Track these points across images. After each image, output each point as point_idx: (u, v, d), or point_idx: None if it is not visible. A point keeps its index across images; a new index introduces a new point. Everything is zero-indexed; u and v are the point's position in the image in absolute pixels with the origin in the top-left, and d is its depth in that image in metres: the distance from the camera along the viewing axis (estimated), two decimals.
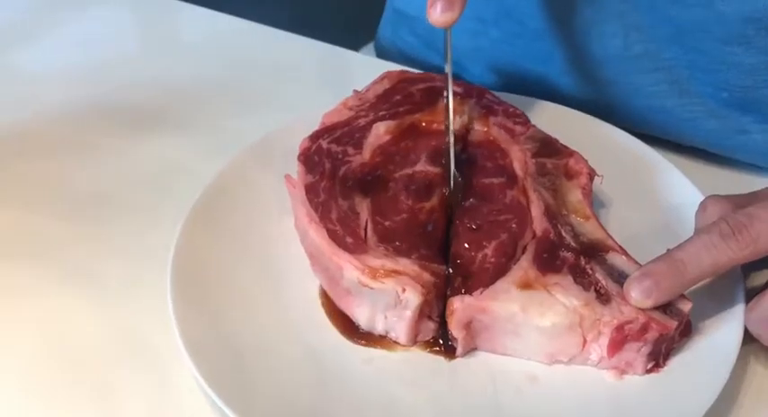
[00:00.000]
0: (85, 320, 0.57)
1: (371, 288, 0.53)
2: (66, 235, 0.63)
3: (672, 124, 0.66)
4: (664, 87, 0.64)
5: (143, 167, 0.67)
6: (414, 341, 0.54)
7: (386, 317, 0.54)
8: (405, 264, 0.53)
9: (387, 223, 0.57)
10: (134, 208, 0.64)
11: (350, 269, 0.53)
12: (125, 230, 0.63)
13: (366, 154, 0.61)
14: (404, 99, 0.64)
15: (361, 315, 0.55)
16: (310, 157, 0.60)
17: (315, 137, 0.62)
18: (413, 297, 0.52)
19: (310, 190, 0.58)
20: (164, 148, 0.68)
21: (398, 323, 0.54)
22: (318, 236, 0.55)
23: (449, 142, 0.58)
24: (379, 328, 0.55)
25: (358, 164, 0.60)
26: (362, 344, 0.55)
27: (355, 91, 0.66)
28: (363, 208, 0.58)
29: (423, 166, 0.60)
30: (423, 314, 0.53)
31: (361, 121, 0.63)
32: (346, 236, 0.55)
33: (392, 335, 0.54)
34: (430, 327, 0.54)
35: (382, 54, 0.84)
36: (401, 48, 0.81)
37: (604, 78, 0.66)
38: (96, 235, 0.63)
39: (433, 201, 0.58)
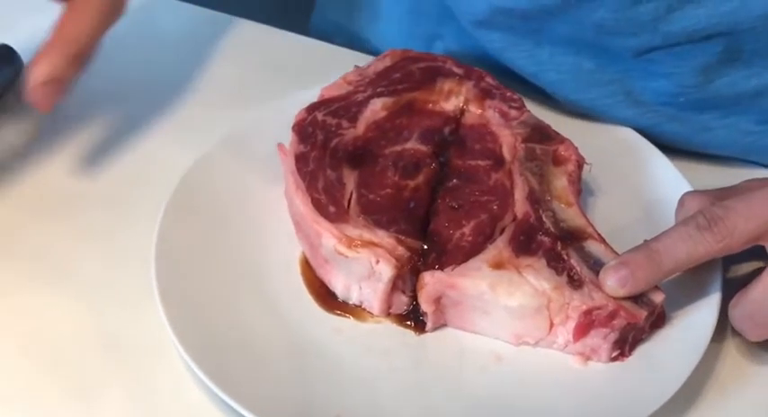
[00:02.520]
0: (63, 317, 0.56)
1: (347, 257, 0.53)
2: (40, 232, 0.61)
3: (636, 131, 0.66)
4: (619, 98, 0.64)
5: (118, 161, 0.66)
6: (386, 312, 0.55)
7: (360, 288, 0.55)
8: (382, 236, 0.54)
9: (371, 196, 0.58)
10: (110, 203, 0.63)
11: (328, 237, 0.54)
12: (101, 225, 0.61)
13: (360, 128, 0.61)
14: (403, 77, 0.64)
15: (338, 284, 0.55)
16: (305, 128, 0.61)
17: (311, 109, 0.62)
18: (386, 270, 0.53)
19: (300, 159, 0.59)
20: (138, 141, 0.66)
21: (372, 295, 0.54)
22: (302, 203, 0.56)
23: None
24: (354, 298, 0.55)
25: (351, 137, 0.61)
26: (336, 313, 0.55)
27: (356, 66, 0.66)
28: (350, 179, 0.59)
29: (413, 144, 0.61)
30: (396, 287, 0.54)
31: (359, 96, 0.63)
32: (329, 205, 0.56)
33: (366, 305, 0.55)
34: (403, 301, 0.55)
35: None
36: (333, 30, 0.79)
37: (563, 96, 0.66)
38: (72, 231, 0.61)
39: (419, 179, 0.59)
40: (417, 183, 0.58)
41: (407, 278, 0.54)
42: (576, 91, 0.65)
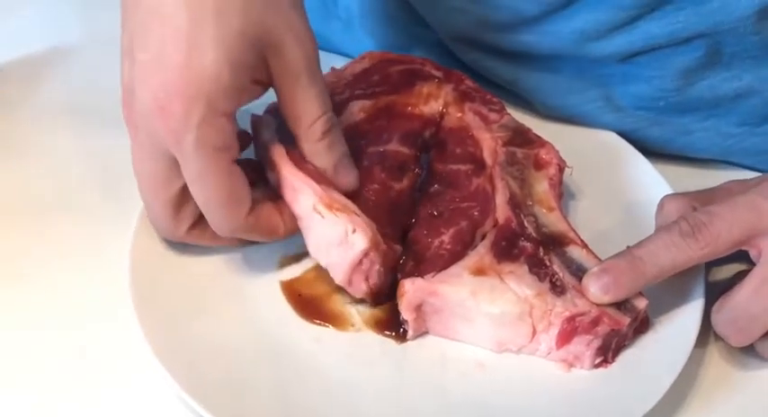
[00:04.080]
0: (35, 326, 0.55)
1: (323, 218, 0.51)
2: (10, 242, 0.59)
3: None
4: (599, 104, 0.64)
5: (87, 167, 0.64)
6: (348, 283, 0.52)
7: (329, 253, 0.53)
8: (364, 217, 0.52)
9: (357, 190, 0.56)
10: (80, 210, 0.61)
11: (308, 193, 0.52)
12: (72, 233, 0.60)
13: None
14: (381, 79, 0.63)
15: (310, 241, 0.53)
16: (271, 112, 0.58)
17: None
18: (360, 241, 0.51)
19: (281, 132, 0.56)
20: (106, 147, 0.63)
21: (339, 264, 0.52)
22: (282, 156, 0.53)
23: None
24: (322, 260, 0.53)
25: None
26: (315, 323, 0.54)
27: (333, 68, 0.65)
28: None
29: (395, 146, 0.59)
30: (363, 265, 0.52)
31: (336, 98, 0.62)
32: (316, 171, 0.54)
33: (329, 272, 0.53)
34: (362, 287, 0.53)
35: None
36: None
37: (542, 102, 0.65)
38: (42, 240, 0.59)
39: (404, 183, 0.57)
40: (402, 187, 0.57)
41: (376, 264, 0.52)
42: (555, 97, 0.65)
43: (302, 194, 0.52)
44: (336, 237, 0.51)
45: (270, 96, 0.53)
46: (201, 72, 0.46)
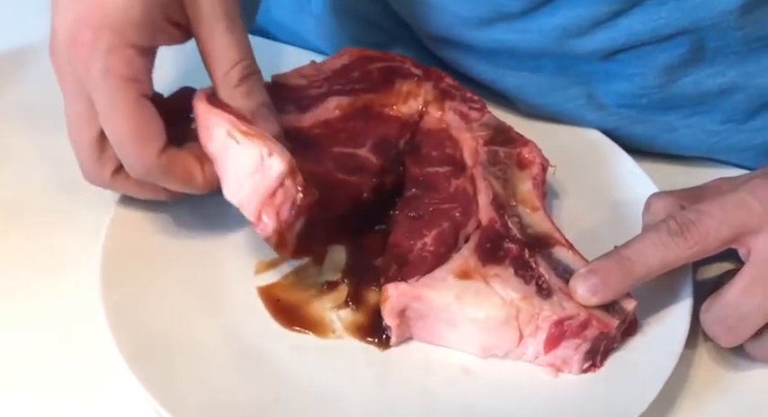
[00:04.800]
0: (7, 330, 0.54)
1: (237, 143, 0.49)
2: None
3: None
4: (581, 102, 0.63)
5: (56, 169, 0.61)
6: (257, 218, 0.50)
7: (243, 186, 0.50)
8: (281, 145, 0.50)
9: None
10: (50, 214, 0.59)
11: (222, 124, 0.50)
12: (43, 237, 0.58)
13: (306, 120, 0.58)
14: (361, 76, 0.62)
15: (226, 181, 0.51)
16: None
17: None
18: (276, 164, 0.48)
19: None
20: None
21: (251, 196, 0.50)
22: (202, 98, 0.52)
23: None
24: (236, 198, 0.51)
25: (293, 124, 0.58)
26: (295, 330, 0.53)
27: (313, 62, 0.63)
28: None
29: (365, 153, 0.58)
30: (276, 200, 0.49)
31: (313, 92, 0.60)
32: (236, 112, 0.51)
33: (242, 211, 0.51)
34: (271, 225, 0.50)
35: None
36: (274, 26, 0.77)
37: (524, 101, 0.64)
38: (13, 245, 0.58)
39: (360, 188, 0.56)
40: (358, 191, 0.55)
41: (289, 199, 0.49)
42: (536, 96, 0.64)
43: (217, 127, 0.50)
44: (252, 164, 0.49)
45: None
46: (112, 4, 0.48)
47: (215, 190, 0.52)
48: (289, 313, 0.53)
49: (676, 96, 0.61)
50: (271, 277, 0.55)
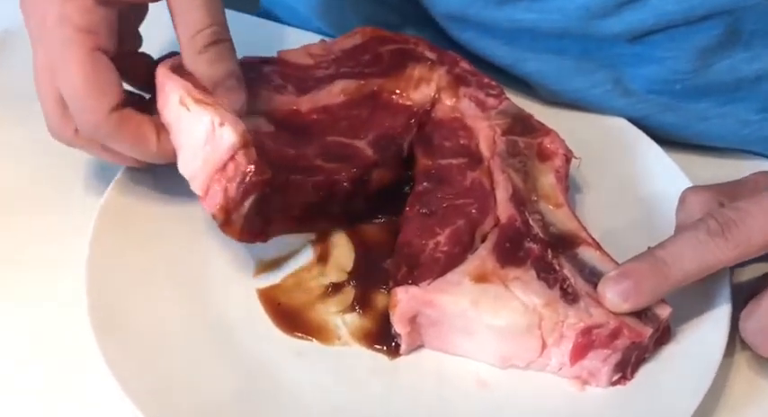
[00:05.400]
0: None
1: (188, 111, 0.47)
2: None
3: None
4: (608, 88, 0.60)
5: (43, 161, 0.59)
6: (205, 191, 0.48)
7: (195, 158, 0.48)
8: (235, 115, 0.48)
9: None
10: (37, 207, 0.57)
11: (176, 89, 0.48)
12: (29, 232, 0.56)
13: (304, 104, 0.56)
14: (372, 59, 0.59)
15: (180, 153, 0.49)
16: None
17: (259, 60, 0.57)
18: (228, 134, 0.46)
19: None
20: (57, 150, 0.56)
21: (202, 168, 0.47)
22: (165, 65, 0.50)
23: None
24: (188, 171, 0.49)
25: (288, 107, 0.55)
26: (297, 336, 0.50)
27: (323, 40, 0.61)
28: (261, 127, 0.53)
29: (363, 145, 0.54)
30: (227, 173, 0.47)
31: (320, 73, 0.58)
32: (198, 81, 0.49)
33: (191, 185, 0.49)
34: (217, 199, 0.47)
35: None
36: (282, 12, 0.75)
37: (545, 87, 0.61)
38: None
39: (342, 174, 0.52)
40: (339, 178, 0.52)
41: (239, 175, 0.47)
42: (559, 81, 0.61)
43: (171, 93, 0.49)
44: (203, 134, 0.47)
45: None
46: None
47: (171, 161, 0.50)
48: (290, 317, 0.51)
49: (710, 82, 0.58)
50: (271, 278, 0.52)
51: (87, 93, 0.48)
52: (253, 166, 0.47)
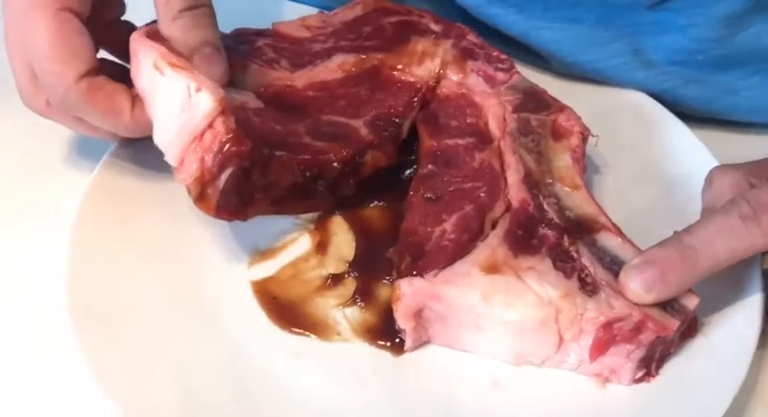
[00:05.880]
0: None
1: (163, 75, 0.45)
2: None
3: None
4: (626, 59, 0.57)
5: (22, 153, 0.57)
6: (180, 161, 0.45)
7: (171, 127, 0.46)
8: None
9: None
10: (15, 203, 0.54)
11: (150, 54, 0.46)
12: (6, 227, 0.53)
13: (299, 80, 0.53)
14: (373, 32, 0.57)
15: (155, 123, 0.47)
16: (224, 38, 0.51)
17: (252, 31, 0.54)
18: (205, 100, 0.44)
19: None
20: (43, 132, 0.55)
21: (179, 136, 0.45)
22: (141, 32, 0.48)
23: None
24: (164, 142, 0.46)
25: (282, 83, 0.53)
26: (294, 332, 0.47)
27: (321, 12, 0.58)
28: (249, 103, 0.50)
29: (359, 125, 0.51)
30: (204, 143, 0.45)
31: (316, 47, 0.55)
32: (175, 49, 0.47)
33: (167, 155, 0.46)
34: (192, 169, 0.45)
35: None
36: None
37: (559, 58, 0.58)
38: None
39: (327, 159, 0.49)
40: (329, 158, 0.50)
41: (216, 143, 0.44)
42: (574, 52, 0.58)
43: (144, 58, 0.47)
44: (179, 100, 0.45)
45: None
46: None
47: (147, 133, 0.48)
48: (287, 312, 0.48)
49: (736, 52, 0.56)
50: (266, 269, 0.50)
51: (53, 55, 0.46)
52: (231, 135, 0.44)
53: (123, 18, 0.53)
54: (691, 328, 0.46)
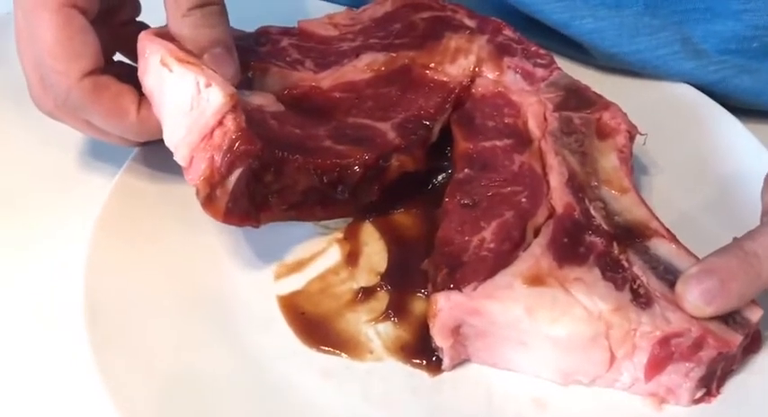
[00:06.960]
0: None
1: (171, 72, 0.44)
2: None
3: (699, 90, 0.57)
4: (675, 49, 0.55)
5: (42, 161, 0.56)
6: (189, 161, 0.44)
7: (180, 125, 0.45)
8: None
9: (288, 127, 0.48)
10: (35, 208, 0.53)
11: (157, 50, 0.45)
12: (26, 233, 0.52)
13: (326, 81, 0.51)
14: (404, 29, 0.55)
15: (165, 125, 0.46)
16: (246, 38, 0.51)
17: (277, 30, 0.53)
18: (215, 96, 0.43)
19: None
20: (65, 138, 0.55)
21: (187, 135, 0.44)
22: (149, 32, 0.47)
23: None
24: (173, 142, 0.45)
25: (306, 83, 0.51)
26: (324, 350, 0.45)
27: (350, 9, 0.56)
28: (269, 104, 0.49)
29: (386, 128, 0.49)
30: (214, 141, 0.43)
31: (344, 46, 0.53)
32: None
33: (176, 156, 0.45)
34: (200, 169, 0.44)
35: None
36: None
37: (602, 49, 0.56)
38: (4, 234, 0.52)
39: (348, 163, 0.47)
40: (350, 162, 0.48)
41: (226, 142, 0.43)
42: (618, 42, 0.56)
43: (152, 56, 0.46)
44: (188, 97, 0.44)
45: None
46: None
47: (154, 137, 0.47)
48: (316, 328, 0.46)
49: None
50: (293, 283, 0.48)
51: (57, 52, 0.45)
52: (241, 133, 0.43)
53: (138, 19, 0.51)
54: (754, 343, 0.44)
